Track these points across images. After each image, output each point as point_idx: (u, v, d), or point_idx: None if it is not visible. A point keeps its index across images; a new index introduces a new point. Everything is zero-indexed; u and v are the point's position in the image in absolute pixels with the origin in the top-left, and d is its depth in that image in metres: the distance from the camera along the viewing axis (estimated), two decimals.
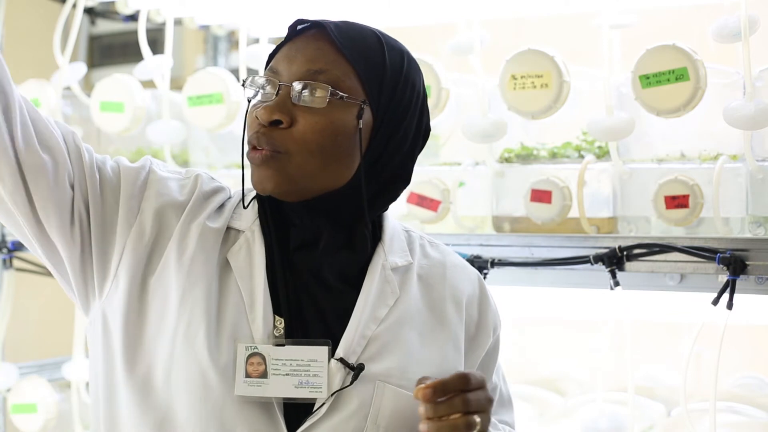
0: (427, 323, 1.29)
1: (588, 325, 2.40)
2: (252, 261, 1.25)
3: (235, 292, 1.24)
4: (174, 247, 1.24)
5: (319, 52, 1.22)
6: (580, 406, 2.22)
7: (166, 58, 2.40)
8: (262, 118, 1.21)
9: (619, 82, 1.98)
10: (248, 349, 1.21)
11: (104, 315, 1.26)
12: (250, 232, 1.27)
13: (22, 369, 2.62)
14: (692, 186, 1.84)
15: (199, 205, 1.28)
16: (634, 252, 1.83)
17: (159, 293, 1.24)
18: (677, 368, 2.31)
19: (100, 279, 1.25)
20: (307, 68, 1.21)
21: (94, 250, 1.24)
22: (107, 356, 1.25)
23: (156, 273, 1.24)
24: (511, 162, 2.09)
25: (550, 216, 1.97)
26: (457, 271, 1.36)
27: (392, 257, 1.30)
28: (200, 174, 1.31)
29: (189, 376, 1.19)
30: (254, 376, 1.20)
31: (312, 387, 1.20)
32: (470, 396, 1.10)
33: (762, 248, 1.72)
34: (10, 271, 2.55)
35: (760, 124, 1.75)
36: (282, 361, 1.20)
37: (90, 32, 3.91)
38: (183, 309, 1.22)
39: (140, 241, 1.24)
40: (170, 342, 1.21)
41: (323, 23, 1.24)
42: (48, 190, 1.20)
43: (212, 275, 1.24)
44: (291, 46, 1.25)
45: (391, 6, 2.32)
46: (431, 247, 1.37)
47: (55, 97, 2.45)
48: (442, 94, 2.08)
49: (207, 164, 2.57)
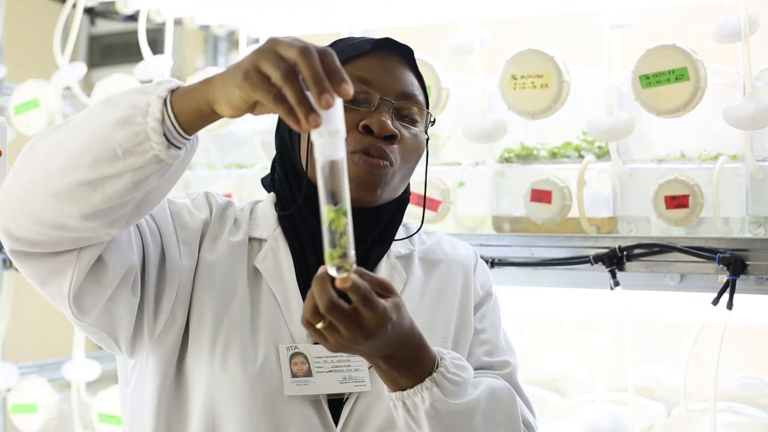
0: (434, 296, 1.38)
1: (588, 325, 2.40)
2: (280, 265, 1.31)
3: (268, 296, 1.30)
4: (204, 267, 1.29)
5: (410, 77, 1.34)
6: (580, 406, 2.22)
7: (166, 58, 2.40)
8: (381, 130, 1.27)
9: (619, 82, 1.98)
10: (290, 350, 1.26)
11: (156, 352, 1.28)
12: (273, 239, 1.33)
13: (22, 369, 2.62)
14: (692, 186, 1.84)
15: (219, 221, 1.34)
16: (634, 252, 1.83)
17: (196, 314, 1.28)
18: (677, 368, 2.31)
19: (151, 320, 1.26)
20: (403, 89, 1.31)
21: (148, 295, 1.25)
22: (160, 389, 1.28)
23: (194, 297, 1.28)
24: (511, 162, 2.09)
25: (550, 216, 1.97)
26: (455, 245, 1.47)
27: (395, 247, 1.39)
28: (207, 192, 1.38)
29: (233, 387, 1.23)
30: (300, 375, 1.25)
31: (356, 381, 1.27)
32: (362, 314, 1.05)
33: (762, 248, 1.72)
34: (10, 271, 2.55)
35: (760, 124, 1.75)
36: (323, 358, 1.26)
37: (90, 32, 3.91)
38: (219, 325, 1.26)
39: (187, 271, 1.28)
40: (209, 356, 1.25)
41: (410, 49, 1.35)
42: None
43: (243, 285, 1.29)
44: (382, 63, 1.31)
45: (391, 6, 2.32)
46: (427, 235, 1.48)
47: (55, 97, 2.45)
48: (442, 94, 2.08)
49: (207, 164, 2.57)
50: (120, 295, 1.21)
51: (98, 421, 2.45)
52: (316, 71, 0.96)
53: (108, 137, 1.04)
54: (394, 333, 1.09)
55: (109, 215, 1.09)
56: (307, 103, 0.96)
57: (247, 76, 0.98)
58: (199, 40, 3.31)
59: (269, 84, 0.97)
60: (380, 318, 1.06)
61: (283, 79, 0.96)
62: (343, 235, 1.00)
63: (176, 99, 1.05)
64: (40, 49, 2.86)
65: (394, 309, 1.09)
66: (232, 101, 1.01)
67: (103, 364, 2.63)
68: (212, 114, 1.05)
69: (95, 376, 2.56)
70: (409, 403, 1.16)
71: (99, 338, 1.26)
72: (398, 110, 1.30)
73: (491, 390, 1.26)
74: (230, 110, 1.02)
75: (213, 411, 1.25)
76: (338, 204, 1.00)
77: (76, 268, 1.13)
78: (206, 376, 1.25)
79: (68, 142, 1.07)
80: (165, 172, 1.07)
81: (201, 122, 1.06)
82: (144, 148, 1.03)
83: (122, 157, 1.04)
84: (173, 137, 1.05)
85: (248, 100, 1.00)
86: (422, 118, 1.34)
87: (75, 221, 1.08)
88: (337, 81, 0.96)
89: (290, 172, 1.34)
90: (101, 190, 1.05)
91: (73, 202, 1.06)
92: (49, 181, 1.07)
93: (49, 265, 1.14)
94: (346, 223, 1.00)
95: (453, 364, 1.19)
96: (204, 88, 1.04)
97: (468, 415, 1.19)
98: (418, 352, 1.16)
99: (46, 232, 1.09)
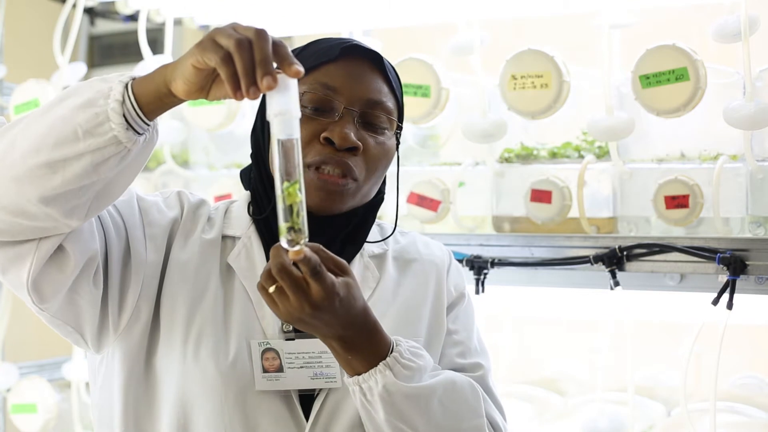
0: (408, 295, 1.38)
1: (588, 325, 2.40)
2: (253, 263, 1.32)
3: (241, 293, 1.31)
4: (176, 263, 1.30)
5: (379, 83, 1.32)
6: (580, 406, 2.22)
7: (166, 58, 2.40)
8: (342, 142, 1.26)
9: (619, 82, 1.98)
10: (261, 345, 1.27)
11: (122, 346, 1.29)
12: (247, 237, 1.34)
13: (22, 369, 2.63)
14: (692, 186, 1.84)
15: (191, 219, 1.35)
16: (634, 252, 1.83)
17: (167, 310, 1.29)
18: (677, 368, 2.30)
19: (116, 314, 1.27)
20: (369, 97, 1.30)
21: (111, 289, 1.26)
22: (127, 383, 1.28)
23: (164, 293, 1.29)
24: (511, 162, 2.09)
25: (550, 216, 1.97)
26: (429, 245, 1.47)
27: (369, 247, 1.40)
28: (180, 190, 1.39)
29: (204, 381, 1.25)
30: (271, 370, 1.27)
31: (327, 378, 1.28)
32: (311, 285, 1.09)
33: (762, 248, 1.72)
34: None
35: (760, 124, 1.75)
36: (295, 354, 1.27)
37: (90, 32, 3.91)
38: (191, 320, 1.27)
39: (153, 267, 1.29)
40: (181, 350, 1.26)
41: (378, 54, 1.33)
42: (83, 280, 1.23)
43: (216, 281, 1.30)
44: (348, 70, 1.30)
45: (391, 6, 2.32)
46: (401, 235, 1.48)
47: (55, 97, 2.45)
48: (442, 94, 2.08)
49: (207, 164, 2.57)
50: (81, 286, 1.22)
51: None
52: (265, 53, 1.01)
53: (70, 119, 1.08)
54: (342, 310, 1.12)
55: (68, 201, 1.11)
56: (252, 76, 1.01)
57: (200, 44, 1.04)
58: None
59: (219, 48, 1.02)
60: (327, 291, 1.10)
61: (235, 47, 1.01)
62: (296, 210, 1.05)
63: (137, 83, 1.10)
64: (40, 49, 2.86)
65: (343, 286, 1.12)
66: (185, 73, 1.05)
67: None
68: (169, 95, 1.08)
69: None
70: (365, 387, 1.18)
71: (65, 332, 1.28)
72: (364, 118, 1.29)
73: (450, 380, 1.26)
74: (183, 85, 1.06)
75: (184, 405, 1.26)
76: (291, 181, 1.04)
77: (35, 256, 1.15)
78: (178, 370, 1.26)
79: (31, 128, 1.10)
80: (124, 158, 1.09)
81: (159, 104, 1.09)
82: (104, 129, 1.07)
83: (82, 138, 1.07)
84: (133, 119, 1.08)
85: (199, 68, 1.04)
86: (392, 124, 1.33)
87: (34, 206, 1.10)
88: (288, 64, 1.02)
89: (264, 175, 1.35)
90: (61, 172, 1.08)
91: (33, 185, 1.09)
92: (11, 166, 1.09)
93: (8, 254, 1.16)
94: (300, 200, 1.05)
95: (409, 351, 1.21)
96: (162, 70, 1.09)
97: (424, 401, 1.20)
98: (373, 337, 1.18)
99: (6, 218, 1.11)
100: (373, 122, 1.30)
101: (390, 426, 1.20)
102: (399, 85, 1.36)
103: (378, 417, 1.19)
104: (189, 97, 1.08)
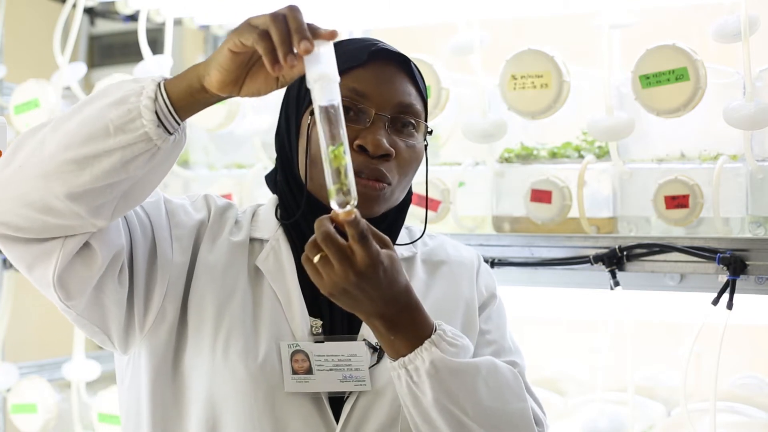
0: (438, 297, 1.38)
1: (588, 325, 2.39)
2: (282, 265, 1.32)
3: (270, 295, 1.31)
4: (203, 265, 1.30)
5: (407, 86, 1.32)
6: (580, 406, 2.22)
7: (166, 58, 2.40)
8: (376, 149, 1.26)
9: (619, 82, 1.98)
10: (291, 347, 1.27)
11: (149, 347, 1.29)
12: (275, 239, 1.34)
13: (22, 369, 2.62)
14: (692, 186, 1.84)
15: (218, 221, 1.35)
16: (634, 252, 1.83)
17: (195, 311, 1.29)
18: (677, 368, 2.31)
19: (141, 314, 1.28)
20: (399, 101, 1.30)
21: (137, 288, 1.27)
22: (154, 384, 1.29)
23: (192, 294, 1.29)
24: (511, 162, 2.09)
25: (550, 216, 1.97)
26: (457, 247, 1.48)
27: (398, 250, 1.37)
28: (207, 194, 1.39)
29: (234, 382, 1.25)
30: (300, 372, 1.27)
31: (356, 381, 1.27)
32: (355, 251, 1.09)
33: (762, 248, 1.72)
34: (10, 271, 2.55)
35: (760, 124, 1.75)
36: (324, 357, 1.27)
37: (90, 32, 3.91)
38: (220, 321, 1.28)
39: (179, 268, 1.29)
40: (210, 351, 1.26)
41: (406, 56, 1.33)
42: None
43: (244, 283, 1.31)
44: (377, 74, 1.30)
45: (391, 6, 2.32)
46: (429, 238, 1.48)
47: (55, 97, 2.45)
48: (442, 94, 2.08)
49: (207, 164, 2.57)
50: (107, 285, 1.22)
51: (98, 421, 2.45)
52: (299, 21, 1.05)
53: (101, 116, 1.09)
54: (386, 281, 1.12)
55: (95, 199, 1.11)
56: (289, 45, 1.03)
57: (236, 29, 1.06)
58: (199, 40, 3.30)
59: (255, 27, 1.04)
60: (372, 258, 1.09)
61: (270, 21, 1.03)
62: (344, 172, 1.05)
63: (169, 81, 1.11)
64: (40, 49, 2.86)
65: (387, 257, 1.12)
66: (221, 61, 1.06)
67: (103, 364, 2.63)
68: (201, 91, 1.09)
69: (95, 376, 2.56)
70: (411, 368, 1.17)
71: (91, 332, 1.28)
72: (394, 122, 1.30)
73: (492, 362, 1.25)
74: (218, 74, 1.07)
75: (213, 406, 1.26)
76: (336, 144, 1.05)
77: (61, 252, 1.15)
78: (206, 371, 1.26)
79: (61, 126, 1.11)
80: (153, 156, 1.10)
81: (191, 100, 1.10)
82: (135, 125, 1.08)
83: (113, 134, 1.08)
84: (164, 116, 1.09)
85: (237, 53, 1.05)
86: (420, 126, 1.34)
87: (61, 202, 1.10)
88: (321, 31, 1.05)
89: (291, 179, 1.35)
90: (90, 169, 1.09)
91: (61, 181, 1.09)
92: (39, 163, 1.10)
93: (34, 251, 1.16)
94: (346, 163, 1.05)
95: (451, 331, 1.20)
96: (195, 67, 1.11)
97: (470, 379, 1.19)
98: (416, 317, 1.17)
99: (33, 215, 1.12)
100: (403, 126, 1.31)
101: (438, 408, 1.17)
102: (425, 86, 1.36)
103: (425, 399, 1.17)
104: (222, 91, 1.09)
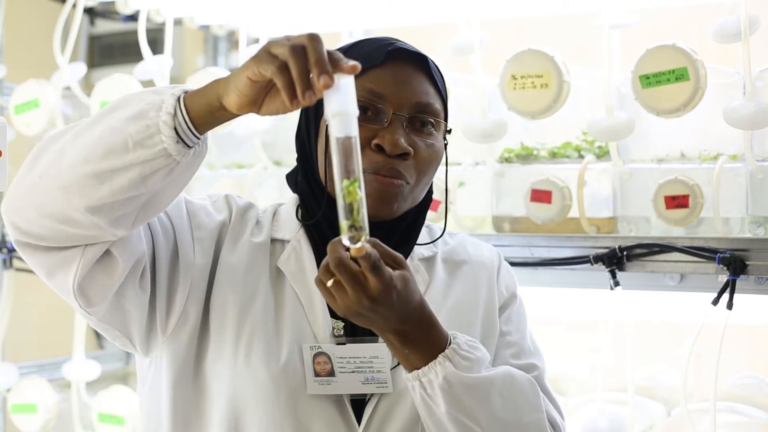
0: (459, 297, 1.38)
1: (588, 325, 2.39)
2: (303, 266, 1.32)
3: (291, 296, 1.31)
4: (225, 266, 1.30)
5: (425, 86, 1.31)
6: (580, 406, 2.22)
7: (166, 58, 2.40)
8: (393, 149, 1.26)
9: (619, 82, 1.98)
10: (313, 349, 1.27)
11: (170, 349, 1.29)
12: (296, 240, 1.34)
13: (22, 369, 2.62)
14: (692, 186, 1.84)
15: (239, 222, 1.35)
16: (634, 252, 1.83)
17: (216, 313, 1.29)
18: (677, 368, 2.31)
19: (164, 317, 1.28)
20: (417, 100, 1.29)
21: (159, 292, 1.26)
22: (175, 386, 1.29)
23: (213, 296, 1.29)
24: (511, 162, 2.09)
25: (550, 216, 1.97)
26: (478, 246, 1.48)
27: (418, 250, 1.40)
28: (228, 194, 1.39)
29: (256, 384, 1.25)
30: (323, 374, 1.27)
31: (378, 383, 1.27)
32: (368, 278, 1.09)
33: (762, 248, 1.71)
34: (10, 271, 2.55)
35: (760, 124, 1.75)
36: (346, 359, 1.27)
37: (90, 32, 3.91)
38: (242, 323, 1.27)
39: (201, 270, 1.29)
40: (232, 354, 1.26)
41: (424, 56, 1.33)
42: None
43: (266, 285, 1.31)
44: (395, 74, 1.29)
45: (391, 6, 2.32)
46: (450, 237, 1.48)
47: (55, 97, 2.45)
48: None
49: (207, 164, 2.57)
50: (128, 290, 1.22)
51: (98, 421, 2.45)
52: (320, 53, 1.02)
53: (121, 130, 1.08)
54: (400, 304, 1.12)
55: (114, 211, 1.11)
56: (307, 80, 1.01)
57: (255, 57, 1.04)
58: (199, 40, 3.31)
59: (275, 58, 1.03)
60: (385, 285, 1.10)
61: (289, 53, 1.01)
62: (357, 207, 1.05)
63: (189, 97, 1.10)
64: (40, 49, 2.86)
65: (400, 279, 1.12)
66: (240, 86, 1.05)
67: (103, 364, 2.63)
68: (221, 109, 1.08)
69: (95, 376, 2.56)
70: (425, 381, 1.18)
71: (113, 336, 1.28)
72: (413, 121, 1.29)
73: (509, 374, 1.25)
74: (237, 98, 1.06)
75: (235, 408, 1.26)
76: (351, 179, 1.05)
77: (82, 260, 1.15)
78: (228, 373, 1.26)
79: (80, 138, 1.10)
80: (172, 170, 1.09)
81: (210, 118, 1.10)
82: (154, 141, 1.07)
83: (132, 149, 1.07)
84: (183, 132, 1.08)
85: (255, 81, 1.04)
86: (439, 125, 1.33)
87: (81, 214, 1.10)
88: (342, 63, 1.03)
89: (311, 180, 1.35)
90: (109, 183, 1.08)
91: (81, 194, 1.09)
92: (59, 175, 1.10)
93: (54, 259, 1.16)
94: (359, 198, 1.05)
95: (466, 343, 1.21)
96: (214, 84, 1.09)
97: (484, 392, 1.19)
98: (430, 330, 1.18)
99: (53, 226, 1.12)
100: (421, 125, 1.30)
101: (451, 419, 1.19)
102: (444, 84, 1.36)
103: (439, 411, 1.19)
104: (241, 112, 1.08)
